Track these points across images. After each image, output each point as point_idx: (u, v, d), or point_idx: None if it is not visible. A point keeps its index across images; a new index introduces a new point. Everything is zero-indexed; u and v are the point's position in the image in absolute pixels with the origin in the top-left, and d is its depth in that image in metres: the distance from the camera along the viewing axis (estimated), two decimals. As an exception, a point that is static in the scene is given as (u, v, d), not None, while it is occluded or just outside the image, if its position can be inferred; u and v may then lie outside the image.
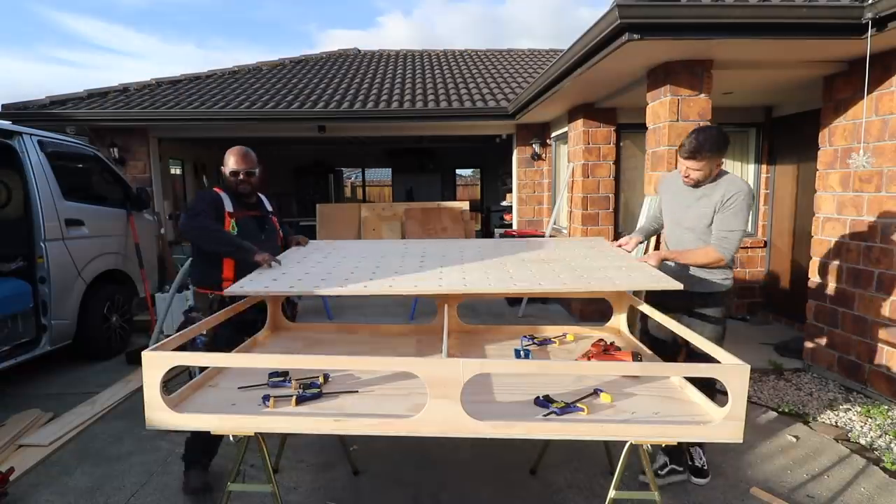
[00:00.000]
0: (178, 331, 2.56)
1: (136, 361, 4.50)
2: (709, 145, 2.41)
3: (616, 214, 6.15)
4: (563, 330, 2.64)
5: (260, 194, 2.98)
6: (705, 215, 2.53)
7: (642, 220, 4.46)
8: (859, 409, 3.52)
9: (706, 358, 1.82)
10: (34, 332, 4.07)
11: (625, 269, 2.33)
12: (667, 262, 2.64)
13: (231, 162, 2.78)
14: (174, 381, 3.71)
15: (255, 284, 2.17)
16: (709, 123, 4.06)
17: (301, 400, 1.84)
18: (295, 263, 2.53)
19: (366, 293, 2.11)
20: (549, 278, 2.20)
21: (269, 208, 3.01)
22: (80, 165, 4.95)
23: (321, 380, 2.01)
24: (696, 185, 2.54)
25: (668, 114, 4.00)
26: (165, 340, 1.87)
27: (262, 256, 2.48)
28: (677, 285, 2.06)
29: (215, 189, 2.80)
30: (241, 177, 2.76)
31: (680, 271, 2.62)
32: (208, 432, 2.41)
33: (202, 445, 2.64)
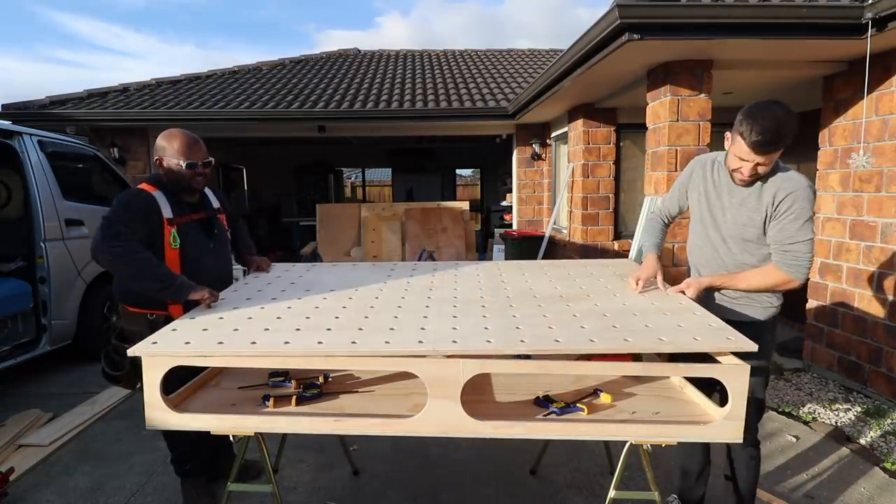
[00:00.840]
0: (105, 363, 2.22)
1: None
2: (790, 131, 1.79)
3: (616, 214, 6.15)
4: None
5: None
6: (752, 222, 1.95)
7: (642, 221, 4.46)
8: (859, 409, 3.52)
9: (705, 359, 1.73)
10: (34, 332, 4.06)
11: (670, 315, 1.85)
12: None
13: (180, 151, 2.18)
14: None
15: (170, 341, 1.68)
16: (708, 123, 4.07)
17: (301, 400, 1.84)
18: (243, 300, 2.07)
19: (315, 354, 1.63)
20: (569, 329, 1.72)
21: (217, 204, 2.46)
22: (80, 165, 4.95)
23: (321, 380, 2.01)
24: (750, 183, 1.95)
25: (668, 114, 4.00)
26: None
27: (200, 293, 2.01)
28: (752, 346, 1.61)
29: (144, 188, 2.18)
30: (199, 168, 2.22)
31: (719, 306, 2.07)
32: (188, 441, 2.29)
33: (186, 456, 2.43)
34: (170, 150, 2.18)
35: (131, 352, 1.65)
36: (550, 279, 2.36)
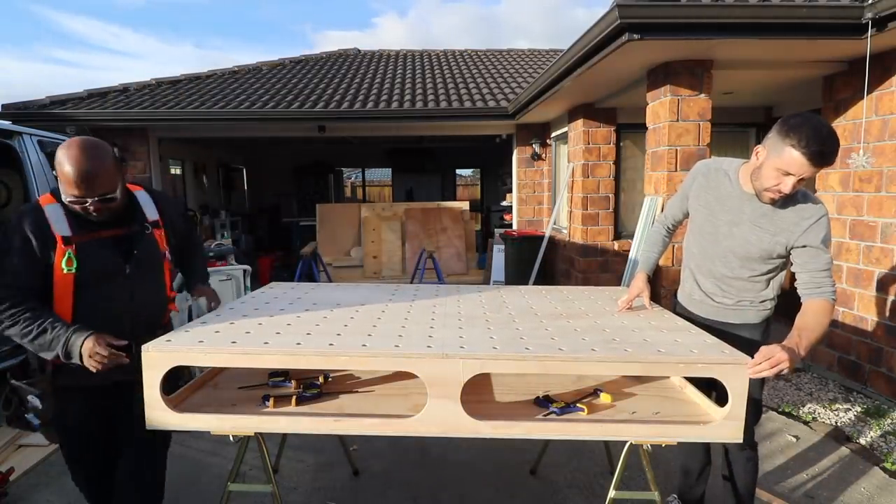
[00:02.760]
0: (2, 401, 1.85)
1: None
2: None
3: (616, 214, 6.15)
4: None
5: (137, 191, 1.96)
6: (761, 242, 1.91)
7: (642, 221, 4.46)
8: (859, 409, 3.52)
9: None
10: (34, 332, 4.05)
11: (667, 332, 1.90)
12: (693, 296, 2.14)
13: (65, 184, 1.67)
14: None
15: (183, 340, 1.67)
16: (708, 123, 4.07)
17: (301, 400, 1.84)
18: (252, 310, 2.03)
19: (327, 353, 1.63)
20: (571, 340, 1.77)
21: (154, 215, 1.96)
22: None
23: (321, 380, 2.01)
24: (780, 203, 1.87)
25: (668, 114, 4.00)
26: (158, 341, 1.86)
27: (89, 347, 1.62)
28: (745, 359, 1.61)
29: (42, 201, 1.77)
30: (90, 206, 1.70)
31: (713, 310, 2.08)
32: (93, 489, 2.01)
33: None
34: (59, 172, 1.66)
35: (145, 348, 1.63)
36: (550, 301, 2.41)
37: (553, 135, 7.45)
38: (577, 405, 1.76)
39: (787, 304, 2.12)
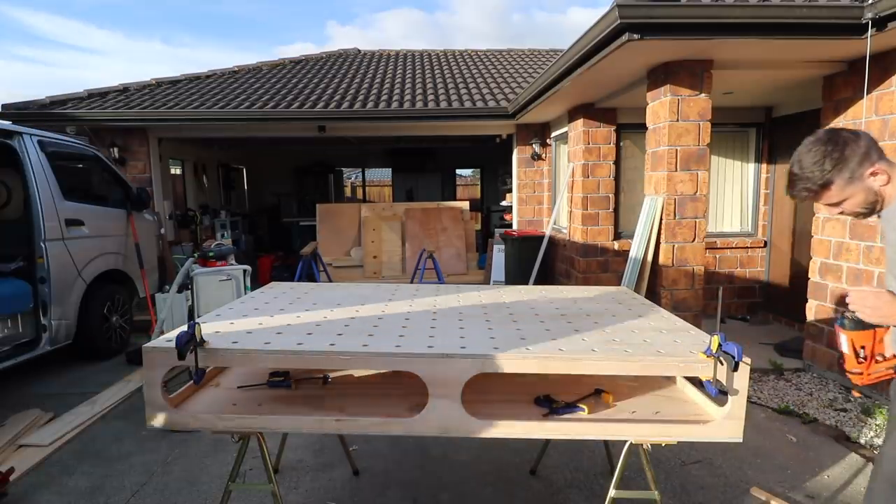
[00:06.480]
0: None
1: (136, 361, 4.50)
2: (808, 162, 1.59)
3: (616, 214, 6.15)
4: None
5: None
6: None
7: (642, 223, 4.46)
8: (859, 409, 3.52)
9: None
10: (34, 332, 4.07)
11: (667, 333, 1.90)
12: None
13: None
14: (174, 380, 3.72)
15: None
16: (708, 123, 4.07)
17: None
18: (252, 310, 2.05)
19: (329, 352, 1.67)
20: (571, 341, 1.77)
21: None
22: (80, 165, 4.95)
23: (321, 379, 2.02)
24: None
25: (668, 114, 4.00)
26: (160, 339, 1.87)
27: None
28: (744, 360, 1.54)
29: None
30: None
31: None
32: None
33: None
34: None
35: (144, 347, 1.66)
36: (550, 301, 2.42)
37: (553, 135, 7.45)
38: (578, 405, 1.77)
39: (787, 304, 2.12)
